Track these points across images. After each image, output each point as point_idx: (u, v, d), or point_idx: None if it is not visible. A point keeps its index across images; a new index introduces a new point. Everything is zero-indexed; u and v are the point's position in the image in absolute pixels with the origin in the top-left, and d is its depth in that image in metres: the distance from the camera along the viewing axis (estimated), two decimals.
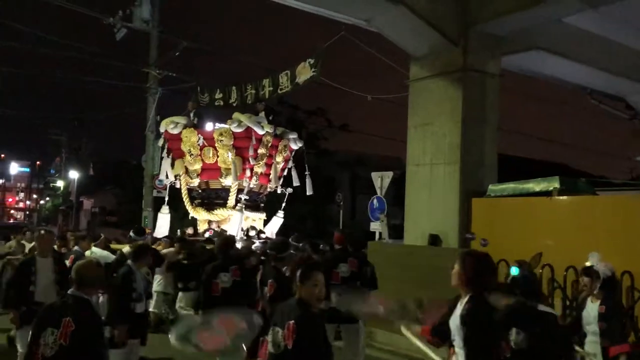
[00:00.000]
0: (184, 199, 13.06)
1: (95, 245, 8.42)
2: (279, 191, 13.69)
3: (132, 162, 30.92)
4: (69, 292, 3.50)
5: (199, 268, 7.43)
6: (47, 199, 61.75)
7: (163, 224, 13.33)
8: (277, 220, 13.65)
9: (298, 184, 13.97)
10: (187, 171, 12.88)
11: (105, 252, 8.29)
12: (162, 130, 13.45)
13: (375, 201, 12.07)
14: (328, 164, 30.66)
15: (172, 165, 13.33)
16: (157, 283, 8.98)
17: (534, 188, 8.11)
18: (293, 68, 11.91)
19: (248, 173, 12.65)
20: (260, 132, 12.59)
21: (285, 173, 13.86)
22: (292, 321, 3.17)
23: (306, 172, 13.59)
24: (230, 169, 12.48)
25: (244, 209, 12.43)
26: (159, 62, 17.28)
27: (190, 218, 13.42)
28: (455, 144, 9.04)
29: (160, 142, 14.12)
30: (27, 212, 78.26)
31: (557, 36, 9.82)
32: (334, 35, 10.43)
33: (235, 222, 12.30)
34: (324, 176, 29.90)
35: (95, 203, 42.64)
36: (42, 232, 6.42)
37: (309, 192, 13.71)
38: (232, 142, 12.50)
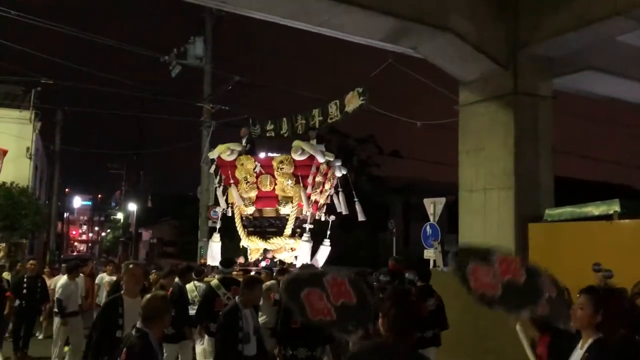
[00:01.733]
0: (237, 227, 12.89)
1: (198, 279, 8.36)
2: (322, 219, 13.52)
3: (188, 194, 31.74)
4: (137, 325, 3.56)
5: None
6: (108, 231, 63.88)
7: (215, 253, 13.42)
8: (325, 249, 13.50)
9: (346, 212, 13.82)
10: (241, 199, 12.71)
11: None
12: (213, 157, 13.14)
13: (428, 228, 11.88)
14: (380, 191, 30.57)
15: (224, 192, 13.44)
16: (262, 318, 7.98)
17: (593, 212, 7.84)
18: (342, 97, 12.05)
19: (306, 201, 12.65)
20: (321, 160, 12.65)
21: (329, 201, 13.72)
22: None
23: (355, 199, 13.41)
24: (289, 197, 12.53)
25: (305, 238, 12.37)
26: (212, 96, 17.82)
27: (241, 247, 13.23)
28: (509, 168, 8.88)
29: (212, 169, 13.82)
30: (90, 244, 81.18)
31: (610, 55, 9.59)
32: (382, 63, 10.54)
33: (305, 252, 12.36)
34: (377, 203, 29.80)
35: (153, 234, 43.81)
36: (131, 265, 5.23)
37: (360, 218, 13.56)
38: (292, 170, 12.55)
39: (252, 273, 9.56)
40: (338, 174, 13.23)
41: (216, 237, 13.16)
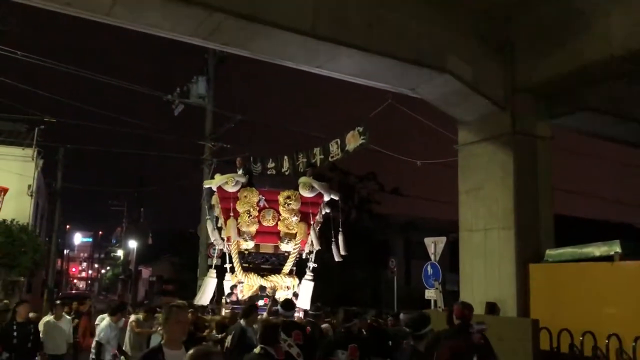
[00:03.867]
0: (234, 263, 12.28)
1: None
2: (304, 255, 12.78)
3: (188, 231, 31.67)
4: None
5: None
6: (108, 268, 63.50)
7: (209, 290, 12.57)
8: (308, 284, 12.36)
9: (345, 253, 13.37)
10: (239, 233, 12.11)
11: None
12: (213, 187, 12.58)
13: (429, 267, 11.83)
14: (381, 229, 30.49)
15: (217, 225, 12.87)
16: None
17: (593, 252, 7.80)
18: (343, 136, 12.14)
19: (316, 239, 12.39)
20: (327, 198, 12.58)
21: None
22: None
23: (340, 229, 12.98)
24: (292, 234, 12.28)
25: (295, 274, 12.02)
26: (213, 134, 17.97)
27: (234, 283, 12.30)
28: (509, 208, 8.87)
29: (212, 200, 13.11)
30: (89, 281, 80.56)
31: (606, 96, 9.70)
32: (382, 101, 10.64)
33: (308, 291, 12.08)
34: (377, 241, 29.70)
35: (153, 272, 43.52)
36: (175, 308, 4.05)
37: (341, 252, 13.10)
38: (299, 207, 12.24)
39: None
40: (327, 198, 12.74)
41: (212, 272, 12.67)
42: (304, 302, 11.55)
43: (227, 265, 12.48)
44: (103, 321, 8.63)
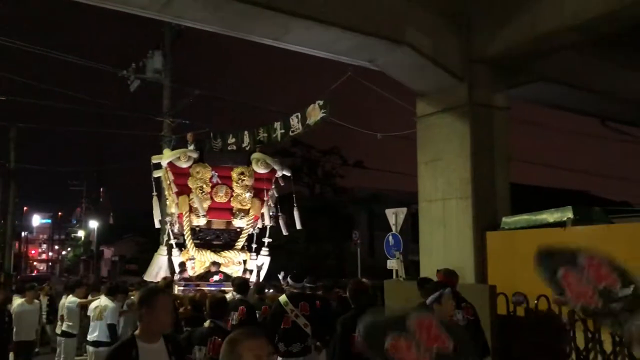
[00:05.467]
0: (186, 239, 12.18)
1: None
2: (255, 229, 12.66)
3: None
4: None
5: None
6: (69, 249, 62.39)
7: (162, 266, 12.35)
8: (264, 259, 12.59)
9: (300, 227, 13.40)
10: (191, 209, 11.98)
11: None
12: (163, 163, 12.20)
13: (390, 238, 11.98)
14: (345, 202, 30.72)
15: (160, 201, 12.60)
16: None
17: (547, 219, 8.03)
18: (303, 110, 12.12)
19: (267, 215, 12.36)
20: (280, 174, 12.57)
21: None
22: None
23: (294, 205, 13.11)
24: (245, 209, 12.19)
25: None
26: (172, 110, 17.67)
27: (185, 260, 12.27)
28: (466, 178, 9.03)
29: (158, 174, 12.68)
30: (50, 263, 79.03)
31: (561, 66, 9.88)
32: (342, 75, 10.61)
33: (266, 267, 12.18)
34: (341, 214, 29.95)
35: (115, 252, 43.03)
36: (162, 293, 3.46)
37: (298, 226, 13.26)
38: (252, 183, 12.24)
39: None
40: (279, 174, 12.76)
41: (162, 250, 12.54)
42: (261, 276, 11.66)
43: (172, 242, 12.36)
44: (104, 302, 8.09)
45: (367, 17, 8.24)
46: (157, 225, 12.83)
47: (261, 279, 12.06)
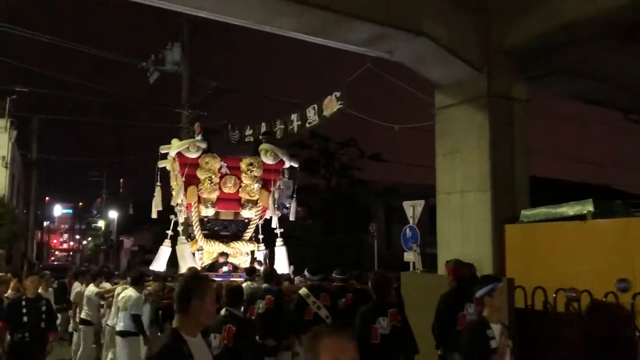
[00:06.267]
0: (195, 230, 12.09)
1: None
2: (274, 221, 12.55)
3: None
4: None
5: None
6: (89, 239, 63.19)
7: (163, 258, 12.33)
8: (280, 250, 12.48)
9: (293, 219, 13.35)
10: (199, 200, 11.85)
11: None
12: (171, 153, 12.01)
13: (408, 230, 11.93)
14: (362, 195, 30.69)
15: (161, 193, 12.49)
16: None
17: (567, 212, 7.94)
18: (320, 102, 12.08)
19: (273, 206, 12.21)
20: (287, 165, 12.52)
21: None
22: None
23: (294, 196, 13.00)
24: (254, 200, 12.10)
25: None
26: (190, 102, 17.77)
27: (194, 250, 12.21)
28: (485, 171, 8.95)
29: (164, 164, 12.53)
30: (71, 253, 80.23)
31: (584, 56, 9.71)
32: (360, 67, 10.55)
33: (282, 257, 12.15)
34: (358, 207, 29.92)
35: (135, 242, 43.44)
36: (209, 281, 3.20)
37: (291, 217, 13.20)
38: (261, 174, 12.18)
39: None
40: (287, 165, 12.69)
41: (167, 242, 12.45)
42: (281, 267, 11.64)
43: (170, 232, 12.45)
44: (129, 292, 7.98)
45: (384, 8, 8.18)
46: (155, 215, 12.85)
47: (283, 270, 12.04)
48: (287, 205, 13.06)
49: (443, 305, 5.43)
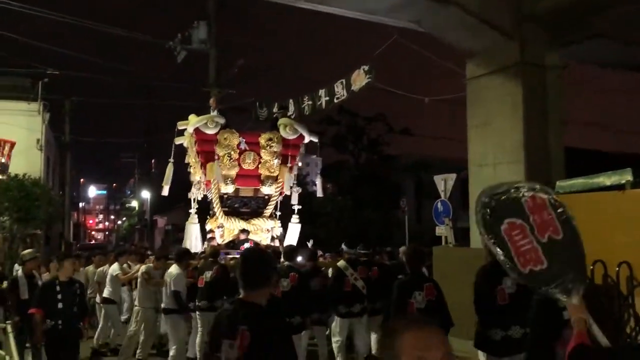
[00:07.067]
0: (215, 207, 11.82)
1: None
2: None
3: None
4: None
5: None
6: (124, 219, 64.43)
7: (194, 235, 11.93)
8: (294, 227, 12.24)
9: (321, 195, 13.17)
10: (220, 177, 11.53)
11: None
12: (189, 129, 11.68)
13: (439, 205, 11.78)
14: (392, 170, 30.50)
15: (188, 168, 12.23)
16: None
17: (604, 182, 7.66)
18: (348, 76, 11.94)
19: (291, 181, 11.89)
20: (307, 139, 12.31)
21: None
22: None
23: (318, 173, 12.80)
24: (273, 176, 11.76)
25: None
26: (218, 80, 17.77)
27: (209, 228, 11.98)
28: (518, 141, 8.74)
29: (181, 141, 12.24)
30: (107, 233, 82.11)
31: (620, 21, 9.34)
32: (388, 39, 10.38)
33: (294, 234, 11.99)
34: (388, 182, 29.78)
35: (168, 221, 44.08)
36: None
37: (319, 193, 13.03)
38: (280, 149, 11.78)
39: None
40: (307, 139, 12.43)
41: (193, 218, 12.07)
42: (291, 243, 11.36)
43: (192, 210, 12.12)
44: (172, 269, 7.81)
45: None
46: (165, 192, 12.69)
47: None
48: (316, 182, 12.99)
49: (480, 279, 5.30)
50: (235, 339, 2.59)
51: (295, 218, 12.23)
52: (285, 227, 12.19)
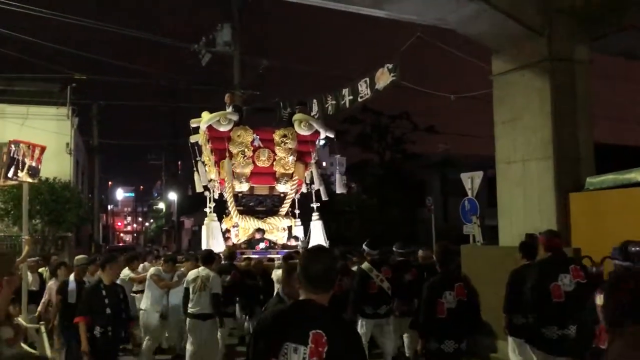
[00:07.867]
0: (229, 206, 11.50)
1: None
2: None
3: None
4: None
5: None
6: (151, 220, 65.23)
7: (217, 233, 11.37)
8: (317, 224, 11.89)
9: (341, 191, 12.89)
10: (233, 175, 11.24)
11: None
12: (202, 126, 11.36)
13: (466, 203, 11.66)
14: (417, 168, 30.31)
15: (203, 167, 11.83)
16: None
17: (636, 178, 7.53)
18: (372, 75, 11.88)
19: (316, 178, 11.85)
20: (323, 135, 12.11)
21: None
22: None
23: (337, 169, 12.54)
24: (289, 174, 11.58)
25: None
26: (242, 82, 17.88)
27: (225, 228, 11.68)
28: (547, 137, 8.59)
29: (196, 139, 11.96)
30: (135, 234, 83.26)
31: None
32: (411, 38, 10.29)
33: (318, 232, 11.82)
34: (413, 180, 29.59)
35: (195, 222, 44.44)
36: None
37: (338, 189, 12.73)
38: (295, 145, 11.62)
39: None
40: (323, 135, 12.14)
41: (213, 216, 11.60)
42: (318, 241, 11.21)
43: (207, 209, 11.66)
44: (205, 272, 7.38)
45: None
46: (200, 189, 12.08)
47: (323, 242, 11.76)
48: (336, 178, 12.87)
49: (536, 277, 5.16)
50: (303, 344, 2.42)
51: (315, 215, 12.02)
52: (305, 226, 12.06)
